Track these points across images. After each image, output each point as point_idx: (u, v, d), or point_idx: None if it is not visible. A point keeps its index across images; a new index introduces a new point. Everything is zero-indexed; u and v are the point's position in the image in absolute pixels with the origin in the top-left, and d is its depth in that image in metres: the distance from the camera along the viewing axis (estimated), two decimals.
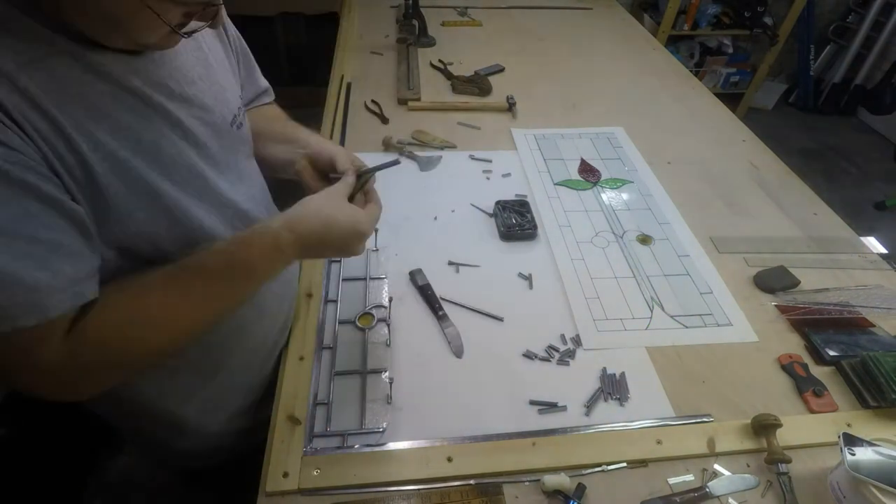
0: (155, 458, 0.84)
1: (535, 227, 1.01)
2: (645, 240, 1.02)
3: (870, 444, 0.62)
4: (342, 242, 0.63)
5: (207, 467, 0.85)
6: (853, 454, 0.61)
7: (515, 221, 1.01)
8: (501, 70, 1.59)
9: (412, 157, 0.87)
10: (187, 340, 0.57)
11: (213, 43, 0.66)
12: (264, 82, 0.85)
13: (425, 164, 0.87)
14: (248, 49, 0.78)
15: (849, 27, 3.39)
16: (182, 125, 0.56)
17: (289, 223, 0.60)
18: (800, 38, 3.38)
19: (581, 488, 0.64)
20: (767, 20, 3.01)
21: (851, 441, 0.62)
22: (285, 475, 0.64)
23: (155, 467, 1.11)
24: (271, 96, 0.87)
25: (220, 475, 0.99)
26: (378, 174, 0.71)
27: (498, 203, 1.05)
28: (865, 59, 3.36)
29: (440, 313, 0.85)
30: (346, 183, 0.66)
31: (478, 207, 1.07)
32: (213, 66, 0.64)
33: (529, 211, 1.04)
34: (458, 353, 0.80)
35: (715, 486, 0.66)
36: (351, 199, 0.66)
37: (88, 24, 0.46)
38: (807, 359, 0.82)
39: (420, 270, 0.91)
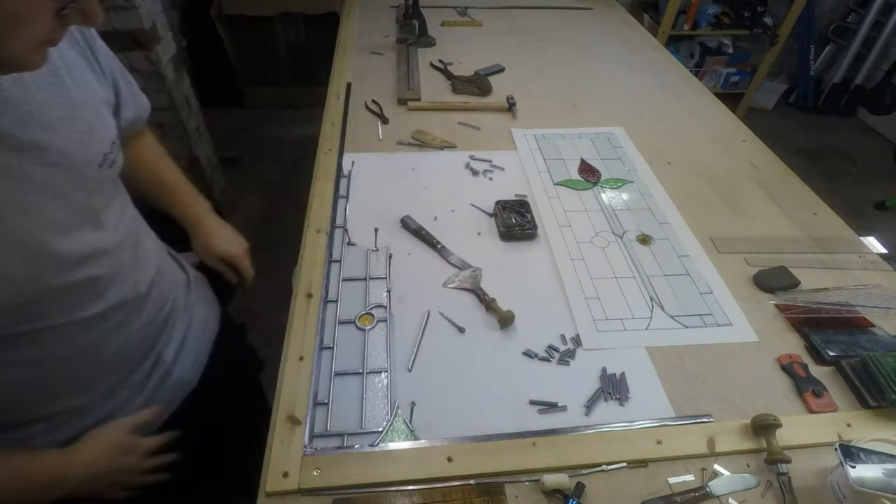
0: None
1: (535, 227, 1.01)
2: (645, 240, 1.02)
3: (868, 451, 0.62)
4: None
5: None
6: (854, 467, 0.61)
7: (515, 221, 1.01)
8: (501, 70, 1.59)
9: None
10: None
11: (80, 75, 0.59)
12: (145, 101, 0.78)
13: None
14: (123, 67, 0.70)
15: (849, 27, 3.39)
16: (31, 179, 0.50)
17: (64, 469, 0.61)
18: (800, 38, 3.38)
19: (580, 487, 0.64)
20: (767, 20, 3.01)
21: (849, 453, 0.62)
22: (285, 475, 0.64)
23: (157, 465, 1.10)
24: (147, 112, 0.79)
25: (219, 474, 0.99)
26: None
27: (498, 203, 1.05)
28: (865, 59, 3.36)
29: (439, 247, 0.89)
30: (120, 426, 0.67)
31: (478, 207, 1.07)
32: (77, 102, 0.57)
33: (529, 211, 1.04)
34: (463, 266, 0.86)
35: (715, 486, 0.66)
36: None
37: None
38: (806, 359, 0.82)
39: (409, 216, 0.97)
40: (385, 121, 1.32)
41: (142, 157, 0.83)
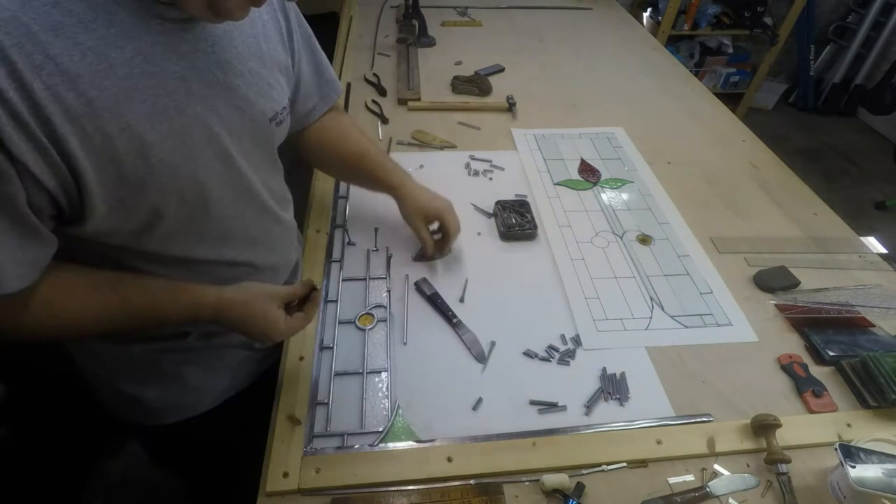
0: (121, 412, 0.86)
1: (535, 226, 1.01)
2: (645, 240, 1.02)
3: (868, 451, 0.62)
4: (252, 334, 0.67)
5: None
6: (854, 467, 0.61)
7: (515, 221, 1.01)
8: (501, 70, 1.59)
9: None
10: (96, 335, 0.67)
11: (272, 41, 0.68)
12: (337, 84, 0.88)
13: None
14: (316, 49, 0.81)
15: (849, 27, 3.39)
16: (218, 111, 0.59)
17: (218, 303, 0.64)
18: (800, 38, 3.38)
19: (580, 487, 0.64)
20: (767, 20, 3.01)
21: (849, 453, 0.62)
22: (285, 475, 0.64)
23: (157, 465, 1.10)
24: (338, 92, 0.90)
25: (219, 474, 0.99)
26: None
27: (498, 203, 1.05)
28: (865, 59, 3.36)
29: (454, 321, 0.83)
30: (289, 291, 0.69)
31: (478, 207, 1.07)
32: (265, 62, 0.66)
33: (529, 211, 1.04)
34: (480, 358, 0.79)
35: (715, 486, 0.66)
36: (294, 303, 0.70)
37: None
38: (806, 359, 0.82)
39: (425, 280, 0.90)
40: (385, 121, 1.32)
41: (344, 133, 0.90)
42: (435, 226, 0.92)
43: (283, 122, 0.71)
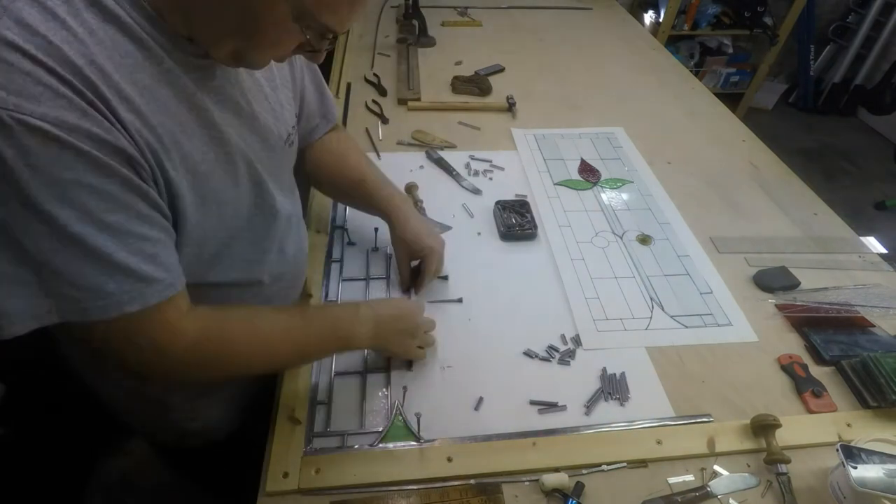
0: (165, 439, 0.89)
1: (535, 226, 1.01)
2: (645, 240, 1.02)
3: (869, 452, 0.62)
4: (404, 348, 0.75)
5: (212, 442, 0.87)
6: (855, 468, 0.61)
7: (515, 221, 1.01)
8: (501, 70, 1.59)
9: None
10: (270, 369, 0.71)
11: (282, 66, 0.70)
12: (333, 104, 0.89)
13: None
14: (315, 72, 0.81)
15: (849, 27, 3.39)
16: (245, 140, 0.61)
17: (375, 317, 0.71)
18: (800, 38, 3.38)
19: (580, 486, 0.64)
20: (767, 20, 3.01)
21: (850, 453, 0.62)
22: (285, 475, 0.64)
23: (157, 465, 1.11)
24: (336, 113, 0.90)
25: (219, 474, 0.99)
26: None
27: (498, 203, 1.05)
28: (865, 60, 3.36)
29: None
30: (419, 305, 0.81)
31: (469, 210, 1.06)
32: (278, 86, 0.68)
33: (529, 211, 1.04)
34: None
35: (716, 486, 0.66)
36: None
37: (209, 33, 0.49)
38: (807, 359, 0.82)
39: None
40: (385, 121, 1.32)
41: (344, 156, 0.90)
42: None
43: (294, 142, 0.74)
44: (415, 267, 0.88)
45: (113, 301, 0.48)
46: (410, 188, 1.08)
